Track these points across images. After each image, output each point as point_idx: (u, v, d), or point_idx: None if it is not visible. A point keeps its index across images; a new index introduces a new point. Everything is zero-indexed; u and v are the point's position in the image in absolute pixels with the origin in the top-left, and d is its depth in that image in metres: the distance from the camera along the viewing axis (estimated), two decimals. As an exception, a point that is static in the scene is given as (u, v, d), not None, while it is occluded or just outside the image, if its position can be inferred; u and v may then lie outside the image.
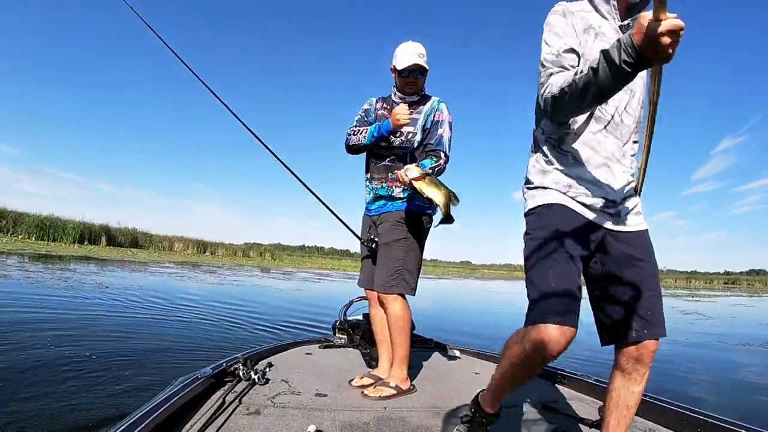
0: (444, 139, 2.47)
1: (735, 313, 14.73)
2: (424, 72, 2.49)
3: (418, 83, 2.52)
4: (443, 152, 2.44)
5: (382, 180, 2.51)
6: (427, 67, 2.48)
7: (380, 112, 2.64)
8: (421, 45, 2.49)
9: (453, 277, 38.81)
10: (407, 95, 2.55)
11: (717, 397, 4.38)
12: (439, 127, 2.47)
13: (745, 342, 7.70)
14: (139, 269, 14.92)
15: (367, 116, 2.70)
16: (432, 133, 2.48)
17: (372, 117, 2.68)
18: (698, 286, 56.76)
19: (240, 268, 22.54)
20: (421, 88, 2.57)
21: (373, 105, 2.70)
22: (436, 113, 2.50)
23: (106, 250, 24.95)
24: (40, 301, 6.36)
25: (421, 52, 2.46)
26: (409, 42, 2.49)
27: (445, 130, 2.47)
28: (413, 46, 2.47)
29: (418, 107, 2.52)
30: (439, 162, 2.41)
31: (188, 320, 6.28)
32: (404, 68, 2.43)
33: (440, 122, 2.48)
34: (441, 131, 2.47)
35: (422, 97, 2.57)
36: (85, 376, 3.24)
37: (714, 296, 26.94)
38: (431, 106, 2.52)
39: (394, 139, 2.50)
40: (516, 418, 2.06)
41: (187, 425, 1.71)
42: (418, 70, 2.45)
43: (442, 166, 2.43)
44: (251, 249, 43.65)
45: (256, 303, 9.00)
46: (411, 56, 2.43)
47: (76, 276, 10.33)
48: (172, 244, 35.52)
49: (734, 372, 5.44)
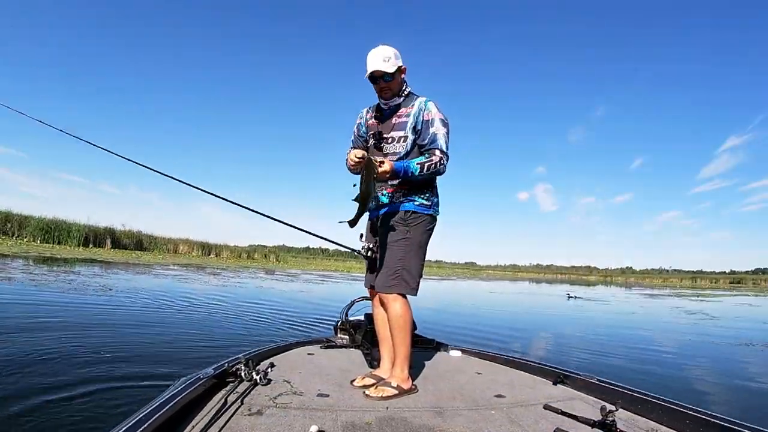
0: (438, 136, 2.39)
1: (740, 312, 14.67)
2: (395, 75, 2.40)
3: (392, 86, 2.44)
4: (438, 149, 2.38)
5: (381, 188, 2.50)
6: (389, 71, 2.37)
7: (370, 122, 2.61)
8: (387, 47, 2.40)
9: (457, 278, 38.77)
10: (387, 100, 2.50)
11: (719, 397, 4.37)
12: (430, 126, 2.40)
13: (748, 342, 7.66)
14: (143, 272, 14.99)
15: (359, 131, 2.68)
16: (423, 133, 2.43)
17: (363, 130, 2.65)
18: (704, 285, 56.54)
19: (244, 270, 22.62)
20: (399, 90, 2.49)
21: (363, 117, 2.67)
22: (424, 113, 2.42)
23: (111, 253, 25.05)
24: (42, 302, 6.40)
25: (386, 55, 2.37)
26: (375, 48, 2.40)
27: (438, 128, 2.40)
28: (376, 51, 2.39)
29: (406, 110, 2.46)
30: (431, 159, 2.35)
31: (190, 321, 6.31)
32: (367, 76, 2.40)
33: (430, 121, 2.41)
34: (433, 129, 2.40)
35: (406, 97, 2.50)
36: (87, 377, 3.25)
37: (719, 296, 26.84)
38: (419, 106, 2.44)
39: (386, 146, 2.48)
40: (517, 418, 2.05)
41: (189, 426, 1.70)
42: (382, 76, 2.38)
43: (435, 163, 2.35)
44: (255, 251, 43.74)
45: (260, 303, 9.02)
46: (372, 63, 2.36)
47: (81, 279, 10.38)
48: (177, 246, 35.61)
49: (736, 372, 5.42)
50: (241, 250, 41.22)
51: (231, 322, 6.59)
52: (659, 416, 2.00)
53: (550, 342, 7.37)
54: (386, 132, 2.51)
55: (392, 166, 2.27)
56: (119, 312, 6.44)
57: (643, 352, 6.66)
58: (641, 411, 2.10)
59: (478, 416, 2.05)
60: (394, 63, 2.39)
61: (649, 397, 2.11)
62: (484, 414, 2.09)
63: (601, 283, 51.49)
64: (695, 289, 37.49)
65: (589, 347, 6.65)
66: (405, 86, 2.52)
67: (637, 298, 21.10)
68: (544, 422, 2.00)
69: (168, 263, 22.00)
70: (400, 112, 2.46)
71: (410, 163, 2.32)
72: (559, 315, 12.46)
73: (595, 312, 13.69)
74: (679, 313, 13.01)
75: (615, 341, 7.33)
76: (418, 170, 2.32)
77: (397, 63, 2.41)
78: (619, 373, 4.78)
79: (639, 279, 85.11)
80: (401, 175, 2.34)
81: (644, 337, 8.25)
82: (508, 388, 2.51)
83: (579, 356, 5.90)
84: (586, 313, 13.15)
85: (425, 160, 2.34)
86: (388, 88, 2.44)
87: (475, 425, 1.94)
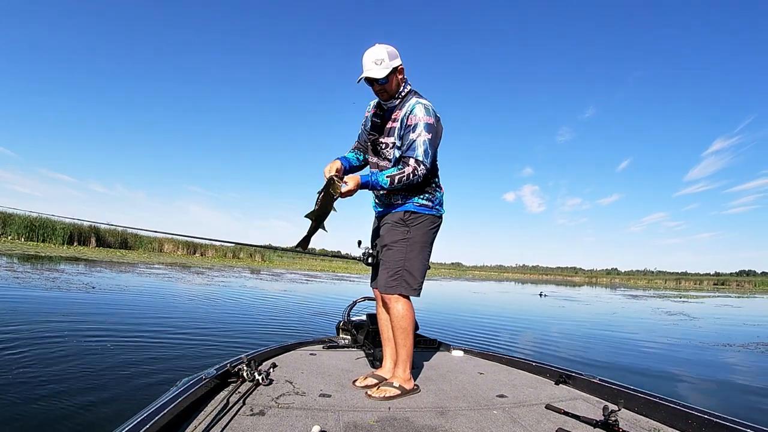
0: (416, 143, 2.24)
1: (721, 313, 14.93)
2: (389, 77, 2.28)
3: (388, 89, 2.33)
4: (413, 158, 2.24)
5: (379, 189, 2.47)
6: (379, 76, 2.24)
7: (372, 120, 2.52)
8: (380, 48, 2.27)
9: (443, 279, 38.92)
10: (385, 101, 2.40)
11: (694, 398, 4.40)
12: (411, 132, 2.25)
13: (727, 342, 7.77)
14: (127, 270, 14.78)
15: (366, 125, 2.59)
16: (404, 139, 2.30)
17: (369, 125, 2.55)
18: (688, 286, 57.53)
19: (229, 270, 22.43)
20: (396, 92, 2.36)
21: (370, 111, 2.57)
22: (408, 117, 2.28)
23: (96, 251, 24.71)
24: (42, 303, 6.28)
25: (378, 57, 2.24)
26: (369, 48, 2.29)
27: (420, 134, 2.24)
28: (369, 53, 2.27)
29: (398, 113, 2.34)
30: (403, 171, 2.23)
31: (188, 322, 6.24)
32: (360, 81, 2.30)
33: (413, 126, 2.25)
34: (413, 135, 2.25)
35: (402, 99, 2.37)
36: (88, 378, 3.22)
37: (702, 297, 27.28)
38: (406, 110, 2.30)
39: (382, 152, 2.42)
40: (519, 418, 2.05)
41: (192, 426, 1.68)
42: (376, 80, 2.27)
43: (406, 174, 2.22)
44: (241, 250, 43.46)
45: (248, 304, 8.96)
46: (365, 67, 2.26)
47: (64, 276, 10.21)
48: (162, 245, 35.31)
49: (714, 372, 5.46)
50: (227, 250, 40.99)
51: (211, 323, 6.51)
52: (662, 416, 2.01)
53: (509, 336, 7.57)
54: (382, 136, 2.44)
55: (357, 183, 2.21)
56: (112, 312, 6.33)
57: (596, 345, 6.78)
58: (644, 411, 2.11)
59: (480, 416, 2.05)
60: (388, 65, 2.26)
61: (652, 396, 2.12)
62: (486, 414, 2.09)
63: (586, 284, 52.10)
64: (679, 291, 38.10)
65: (586, 348, 6.71)
66: (403, 87, 2.39)
67: (618, 299, 21.38)
68: (546, 422, 2.00)
69: (153, 262, 21.72)
70: (394, 116, 2.36)
71: (379, 177, 2.23)
72: (528, 312, 12.75)
73: (564, 309, 14.16)
74: (660, 314, 13.19)
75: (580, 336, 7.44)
76: (387, 183, 2.22)
77: (392, 64, 2.27)
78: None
79: (624, 280, 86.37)
80: (370, 189, 2.30)
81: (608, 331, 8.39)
82: (510, 388, 2.51)
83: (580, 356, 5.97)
84: (557, 310, 13.39)
85: (396, 173, 2.22)
86: (384, 90, 2.34)
87: (477, 425, 1.94)
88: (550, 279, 77.06)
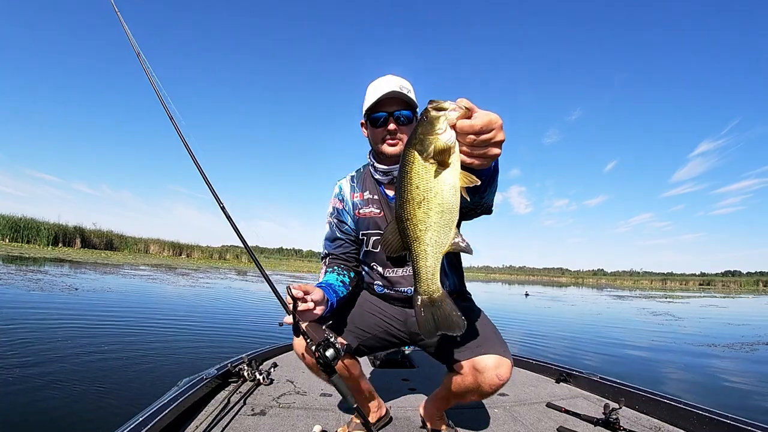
0: None
1: (705, 314, 15.12)
2: (411, 110, 1.58)
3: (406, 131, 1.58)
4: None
5: None
6: (414, 101, 1.58)
7: (369, 210, 1.69)
8: (401, 79, 1.62)
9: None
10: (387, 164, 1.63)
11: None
12: None
13: (711, 343, 7.86)
14: (112, 272, 14.57)
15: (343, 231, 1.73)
16: None
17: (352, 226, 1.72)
18: (673, 287, 58.30)
19: (215, 271, 22.23)
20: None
21: (348, 203, 1.73)
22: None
23: (80, 253, 24.34)
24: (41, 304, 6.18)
25: (405, 85, 1.58)
26: (385, 76, 1.62)
27: None
28: (390, 78, 1.60)
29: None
30: None
31: (187, 322, 6.17)
32: (376, 102, 1.54)
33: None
34: None
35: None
36: (87, 379, 3.16)
37: (688, 297, 27.63)
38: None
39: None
40: (520, 416, 2.06)
41: (192, 426, 1.67)
42: (402, 107, 1.56)
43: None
44: (228, 251, 43.20)
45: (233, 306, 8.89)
46: (390, 87, 1.54)
47: (47, 278, 10.04)
48: (148, 246, 35.00)
49: (698, 372, 5.51)
50: (213, 251, 40.75)
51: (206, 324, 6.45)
52: (663, 414, 2.03)
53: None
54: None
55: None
56: (107, 314, 6.24)
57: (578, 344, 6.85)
58: (645, 409, 2.13)
59: (481, 415, 2.06)
60: (414, 99, 1.60)
61: (652, 394, 2.13)
62: (487, 413, 2.10)
63: (572, 285, 52.61)
64: (665, 291, 38.58)
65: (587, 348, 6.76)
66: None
67: (604, 300, 21.56)
68: (547, 420, 2.02)
69: (138, 263, 21.43)
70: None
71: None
72: (514, 311, 12.86)
73: (548, 308, 14.23)
74: (645, 315, 13.32)
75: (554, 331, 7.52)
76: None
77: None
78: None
79: (610, 281, 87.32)
80: None
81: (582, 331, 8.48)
82: (511, 386, 2.52)
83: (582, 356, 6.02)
84: (541, 309, 13.51)
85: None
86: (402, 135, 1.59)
87: (479, 423, 1.95)
88: (537, 280, 77.63)
